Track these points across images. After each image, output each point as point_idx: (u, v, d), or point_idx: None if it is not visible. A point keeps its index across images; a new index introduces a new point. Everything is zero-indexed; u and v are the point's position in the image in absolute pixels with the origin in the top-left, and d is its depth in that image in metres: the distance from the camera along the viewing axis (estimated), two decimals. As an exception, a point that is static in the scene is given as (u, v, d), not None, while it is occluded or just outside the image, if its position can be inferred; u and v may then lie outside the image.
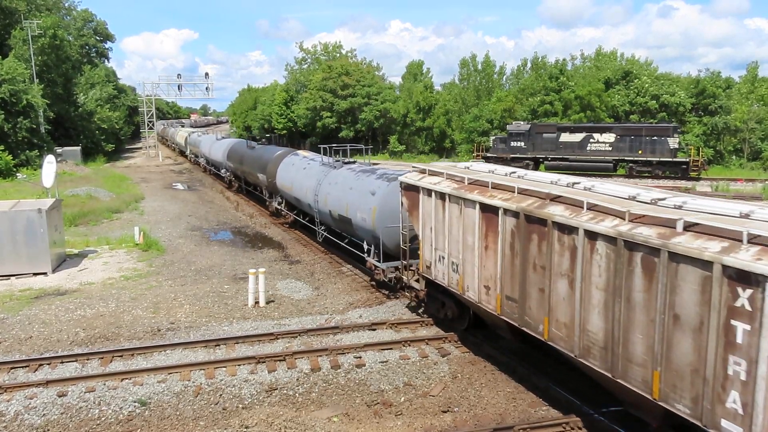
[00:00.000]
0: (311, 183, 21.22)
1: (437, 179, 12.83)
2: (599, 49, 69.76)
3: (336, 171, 20.12)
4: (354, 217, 17.35)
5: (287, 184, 24.24)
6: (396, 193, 14.80)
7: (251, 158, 31.28)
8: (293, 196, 23.64)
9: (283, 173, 24.98)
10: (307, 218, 23.69)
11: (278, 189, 25.76)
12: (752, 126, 51.36)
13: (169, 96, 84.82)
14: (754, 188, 36.72)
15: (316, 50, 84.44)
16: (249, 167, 31.47)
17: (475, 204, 11.08)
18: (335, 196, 18.94)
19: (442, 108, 65.42)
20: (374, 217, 15.98)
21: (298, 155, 25.40)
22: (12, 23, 56.54)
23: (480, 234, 11.10)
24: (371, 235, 16.41)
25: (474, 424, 9.81)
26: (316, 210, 20.87)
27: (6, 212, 18.22)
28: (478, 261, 11.23)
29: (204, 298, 16.49)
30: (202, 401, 10.61)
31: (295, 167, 24.01)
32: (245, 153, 33.16)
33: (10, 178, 40.80)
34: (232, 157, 36.57)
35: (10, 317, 14.81)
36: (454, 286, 12.18)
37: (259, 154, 30.27)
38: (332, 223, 19.85)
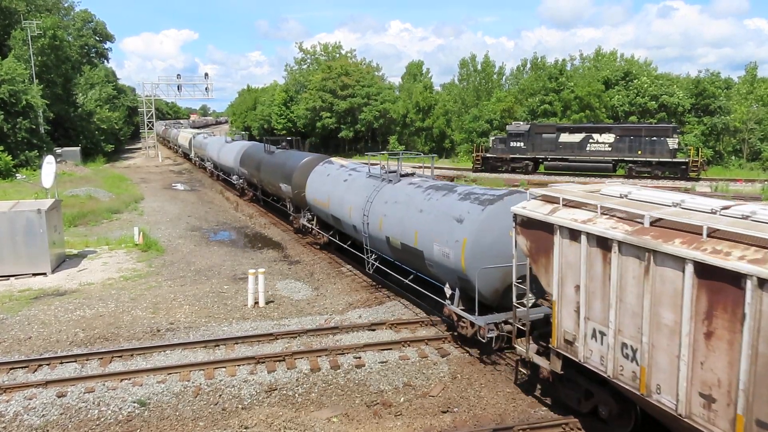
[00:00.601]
0: (356, 199, 17.18)
1: (585, 214, 8.79)
2: (598, 50, 69.89)
3: (392, 186, 16.10)
4: (428, 250, 13.30)
5: (321, 199, 20.16)
6: (496, 221, 11.65)
7: (271, 165, 27.19)
8: (329, 213, 19.53)
9: (315, 185, 21.01)
10: (349, 242, 19.26)
11: (308, 203, 21.76)
12: (751, 126, 51.39)
13: (168, 96, 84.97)
14: (754, 189, 36.74)
15: (315, 50, 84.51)
16: (268, 175, 27.33)
17: (683, 263, 7.09)
18: (395, 220, 14.86)
19: (441, 108, 65.48)
20: (463, 254, 11.91)
21: (333, 164, 21.42)
22: (12, 24, 56.52)
23: (694, 311, 7.09)
24: (456, 276, 12.49)
25: (473, 424, 9.81)
26: (364, 234, 16.50)
27: (5, 213, 18.22)
28: (689, 352, 7.19)
29: (203, 298, 16.49)
30: (202, 401, 10.60)
31: (332, 179, 19.98)
32: (263, 158, 28.92)
33: (9, 178, 40.79)
34: (246, 163, 32.57)
35: (10, 317, 14.80)
36: (626, 381, 8.18)
37: (281, 161, 26.04)
38: (390, 252, 15.77)
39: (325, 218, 20.81)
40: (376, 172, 17.68)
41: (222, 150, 40.37)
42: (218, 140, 45.78)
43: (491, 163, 48.48)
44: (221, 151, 40.39)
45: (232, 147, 38.20)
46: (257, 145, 34.35)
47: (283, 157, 26.35)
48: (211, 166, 46.15)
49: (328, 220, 20.35)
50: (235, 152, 35.60)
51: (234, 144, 39.23)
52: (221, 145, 41.43)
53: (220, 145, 41.72)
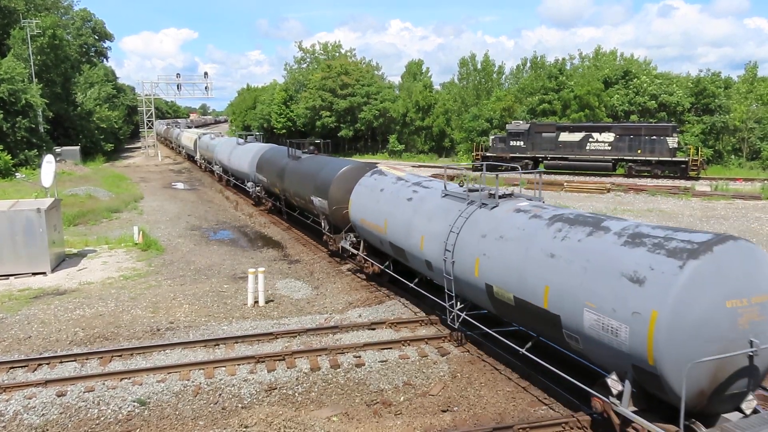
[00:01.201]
0: (431, 227, 13.02)
1: None
2: (598, 49, 69.90)
3: (489, 213, 11.77)
4: (570, 316, 9.06)
5: (372, 220, 15.92)
6: (707, 286, 7.58)
7: (298, 173, 23.10)
8: (385, 239, 15.26)
9: (362, 201, 16.84)
10: (415, 280, 15.06)
11: (352, 223, 17.75)
12: (751, 125, 51.41)
13: (168, 95, 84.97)
14: (753, 188, 36.75)
15: (315, 50, 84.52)
16: (294, 185, 23.20)
17: None
18: (502, 263, 10.56)
19: (441, 107, 65.51)
20: (651, 336, 7.68)
21: (386, 175, 17.09)
22: (11, 23, 56.50)
23: None
24: (629, 365, 8.21)
25: (473, 423, 9.80)
26: (447, 276, 12.22)
27: (5, 212, 18.20)
28: None
29: (203, 297, 16.48)
30: (202, 401, 10.60)
31: (388, 195, 15.57)
32: (287, 165, 24.66)
33: (9, 177, 40.79)
34: (264, 169, 28.28)
35: (9, 317, 14.79)
36: None
37: (311, 169, 21.88)
38: (490, 305, 11.42)
39: (377, 244, 16.43)
40: (457, 190, 13.76)
41: (234, 153, 35.83)
42: (229, 142, 40.66)
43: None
44: (233, 155, 35.89)
45: (246, 150, 33.49)
46: (277, 148, 29.83)
47: (313, 165, 22.17)
48: (220, 170, 41.75)
49: (383, 248, 16.09)
50: (251, 156, 31.28)
51: (248, 146, 34.35)
52: (233, 148, 36.74)
53: (232, 148, 37.00)
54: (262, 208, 31.31)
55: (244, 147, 34.73)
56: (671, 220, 26.31)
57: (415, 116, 65.78)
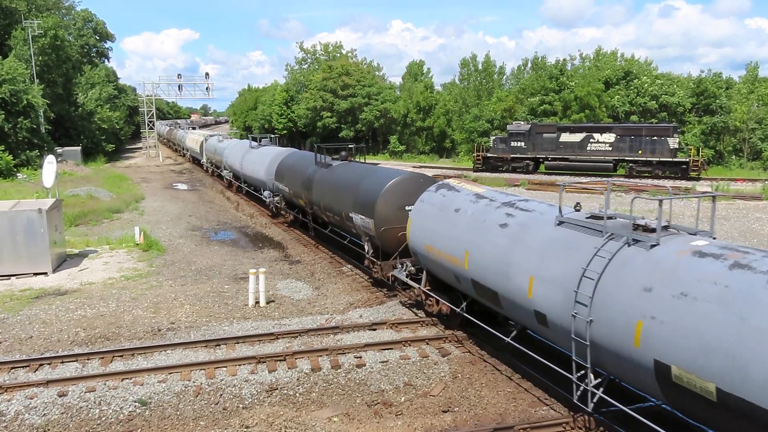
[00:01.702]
0: (553, 268, 9.65)
1: None
2: (599, 50, 69.92)
3: (650, 255, 8.36)
4: None
5: (444, 249, 12.51)
6: None
7: (330, 184, 19.78)
8: (467, 277, 11.84)
9: (428, 223, 13.27)
10: (512, 333, 11.57)
11: (413, 249, 14.08)
12: (752, 126, 51.39)
13: (169, 96, 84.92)
14: (755, 188, 36.73)
15: (316, 50, 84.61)
16: (326, 198, 19.89)
17: None
18: (697, 336, 7.06)
19: (442, 108, 65.54)
20: None
21: (458, 191, 13.31)
22: (12, 23, 56.58)
23: None
24: None
25: (474, 424, 9.81)
26: (579, 339, 8.87)
27: (6, 212, 18.23)
28: None
29: (204, 298, 16.50)
30: (203, 401, 10.61)
31: (466, 217, 12.20)
32: (316, 174, 21.24)
33: (10, 178, 40.83)
34: (285, 177, 24.71)
35: (11, 317, 14.81)
36: None
37: (349, 180, 18.42)
38: (663, 393, 7.84)
39: (450, 280, 12.79)
40: (576, 215, 10.64)
41: (247, 158, 32.59)
42: (240, 145, 37.03)
43: (492, 163, 48.52)
44: (246, 159, 32.53)
45: (261, 155, 30.25)
46: (300, 154, 26.51)
47: (350, 174, 18.83)
48: (230, 176, 38.15)
49: (459, 285, 12.41)
50: (267, 161, 28.13)
51: (263, 150, 31.12)
52: (245, 152, 33.44)
53: (244, 152, 33.64)
54: (280, 220, 27.70)
55: (258, 151, 31.48)
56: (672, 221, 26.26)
57: (416, 117, 65.81)
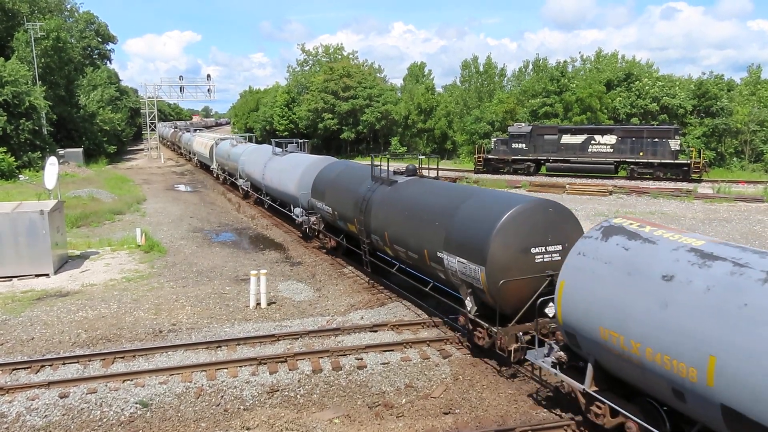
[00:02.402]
0: None
1: None
2: (599, 51, 69.94)
3: None
4: None
5: (653, 345, 7.64)
6: None
7: (402, 209, 14.86)
8: (716, 402, 6.92)
9: (603, 294, 8.47)
10: None
11: (572, 330, 9.08)
12: (754, 128, 51.36)
13: (171, 98, 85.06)
14: (756, 190, 36.69)
15: (317, 52, 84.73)
16: (396, 228, 14.98)
17: None
18: None
19: (443, 110, 65.56)
20: None
21: (652, 241, 8.37)
22: (15, 25, 56.69)
23: None
24: None
25: (475, 426, 9.81)
26: None
27: (8, 214, 18.26)
28: None
29: (205, 299, 16.51)
30: (204, 402, 10.62)
31: (698, 297, 7.21)
32: (376, 194, 16.34)
33: (12, 179, 40.90)
34: (328, 195, 19.42)
35: (12, 318, 14.83)
36: None
37: (435, 206, 13.71)
38: None
39: (658, 391, 7.99)
40: None
41: (271, 166, 27.58)
42: (260, 151, 32.13)
43: (493, 165, 48.52)
44: (269, 168, 27.60)
45: (290, 164, 25.43)
46: (345, 165, 20.92)
47: (433, 197, 14.19)
48: (248, 186, 33.54)
49: (692, 409, 7.52)
50: (299, 173, 23.12)
51: (292, 159, 26.14)
52: (267, 159, 28.62)
53: (266, 159, 28.78)
54: (315, 244, 22.94)
55: (285, 159, 26.73)
56: (673, 223, 26.29)
57: (417, 118, 65.84)
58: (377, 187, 16.52)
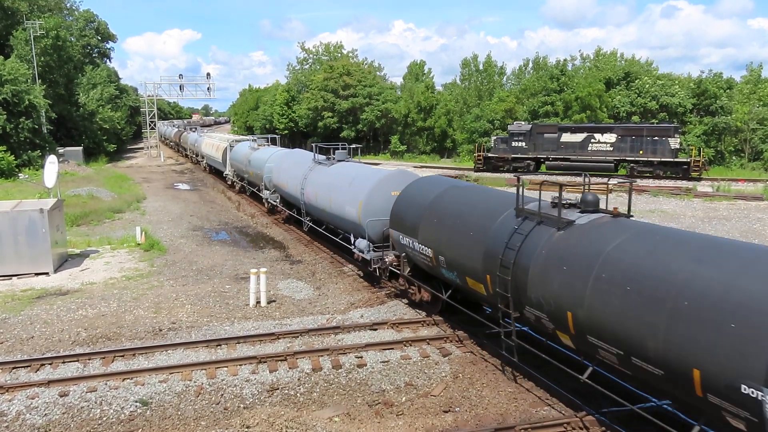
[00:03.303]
0: None
1: None
2: (598, 50, 69.93)
3: None
4: None
5: None
6: None
7: (630, 284, 7.95)
8: None
9: None
10: None
11: None
12: (753, 126, 51.36)
13: (170, 96, 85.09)
14: (756, 189, 36.69)
15: (317, 50, 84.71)
16: (611, 311, 8.17)
17: None
18: None
19: (443, 108, 65.54)
20: None
21: None
22: (14, 24, 56.64)
23: None
24: None
25: (475, 424, 9.81)
26: None
27: (8, 212, 18.26)
28: None
29: (205, 298, 16.51)
30: (204, 401, 10.62)
31: None
32: (537, 241, 9.99)
33: (12, 178, 40.87)
34: (424, 229, 13.39)
35: (12, 317, 14.83)
36: None
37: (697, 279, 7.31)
38: None
39: None
40: None
41: (314, 180, 21.17)
42: (294, 157, 25.87)
43: (493, 163, 48.51)
44: (312, 182, 21.22)
45: (343, 178, 18.98)
46: (454, 186, 14.26)
47: (689, 260, 7.67)
48: (276, 200, 27.35)
49: None
50: (364, 192, 16.78)
51: (345, 170, 19.71)
52: (308, 169, 22.13)
53: (306, 169, 22.30)
54: (386, 290, 16.81)
55: (334, 170, 20.26)
56: (673, 221, 26.29)
57: (416, 117, 65.81)
58: (534, 229, 10.22)
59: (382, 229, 16.15)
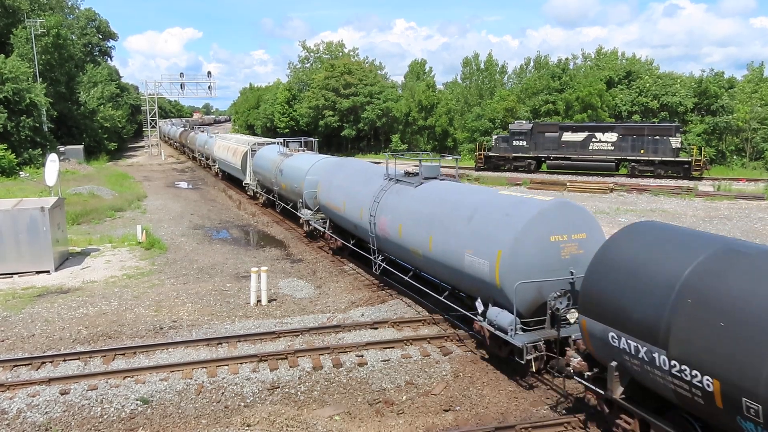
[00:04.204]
0: None
1: None
2: (600, 49, 69.86)
3: None
4: None
5: None
6: None
7: None
8: None
9: None
10: None
11: None
12: (754, 126, 51.30)
13: (171, 95, 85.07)
14: (757, 188, 36.65)
15: (318, 49, 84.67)
16: None
17: None
18: None
19: (444, 107, 65.50)
20: None
21: None
22: (15, 22, 56.65)
23: None
24: None
25: (476, 423, 9.82)
26: None
27: (9, 211, 18.27)
28: None
29: (206, 296, 16.52)
30: (204, 399, 10.63)
31: None
32: None
33: (13, 176, 40.89)
34: None
35: (13, 315, 14.85)
36: None
37: None
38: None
39: None
40: None
41: (390, 203, 15.83)
42: (352, 170, 20.07)
43: (494, 162, 48.47)
44: (386, 207, 15.92)
45: (446, 204, 13.66)
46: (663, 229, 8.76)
47: None
48: (327, 226, 21.10)
49: None
50: (508, 235, 11.10)
51: (443, 193, 14.34)
52: (381, 190, 16.50)
53: (377, 189, 16.70)
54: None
55: (426, 194, 14.75)
56: (674, 221, 26.27)
57: (417, 116, 65.77)
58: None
59: (534, 295, 11.00)
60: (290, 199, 25.46)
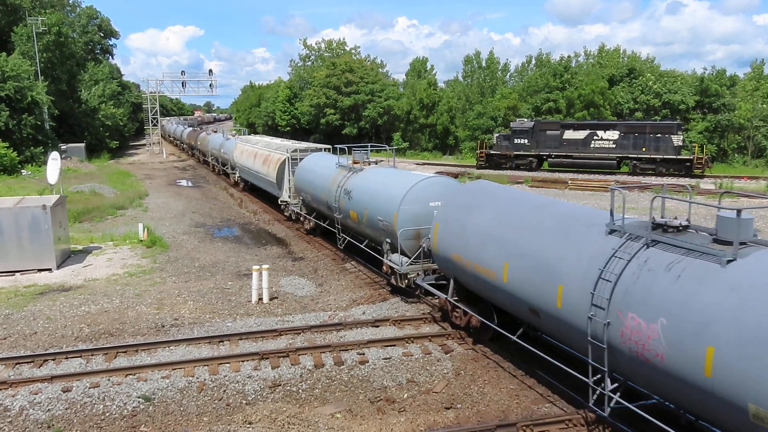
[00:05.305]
0: None
1: None
2: (602, 47, 69.72)
3: None
4: None
5: None
6: None
7: None
8: None
9: None
10: None
11: None
12: (756, 124, 51.22)
13: (173, 93, 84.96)
14: (758, 186, 36.61)
15: (320, 47, 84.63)
16: None
17: None
18: None
19: (445, 105, 65.45)
20: None
21: None
22: (16, 20, 56.65)
23: None
24: None
25: (477, 420, 9.83)
26: None
27: (11, 209, 18.30)
28: None
29: (208, 294, 16.54)
30: (206, 397, 10.65)
31: None
32: None
33: (14, 174, 40.95)
34: None
35: (15, 313, 14.88)
36: None
37: None
38: None
39: None
40: None
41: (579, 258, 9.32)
42: (501, 200, 12.20)
43: (495, 160, 48.44)
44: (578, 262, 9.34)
45: None
46: None
47: None
48: (454, 296, 13.09)
49: None
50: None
51: None
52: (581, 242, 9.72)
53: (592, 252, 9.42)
54: None
55: None
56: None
57: (419, 114, 65.74)
58: None
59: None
60: (367, 235, 18.15)
